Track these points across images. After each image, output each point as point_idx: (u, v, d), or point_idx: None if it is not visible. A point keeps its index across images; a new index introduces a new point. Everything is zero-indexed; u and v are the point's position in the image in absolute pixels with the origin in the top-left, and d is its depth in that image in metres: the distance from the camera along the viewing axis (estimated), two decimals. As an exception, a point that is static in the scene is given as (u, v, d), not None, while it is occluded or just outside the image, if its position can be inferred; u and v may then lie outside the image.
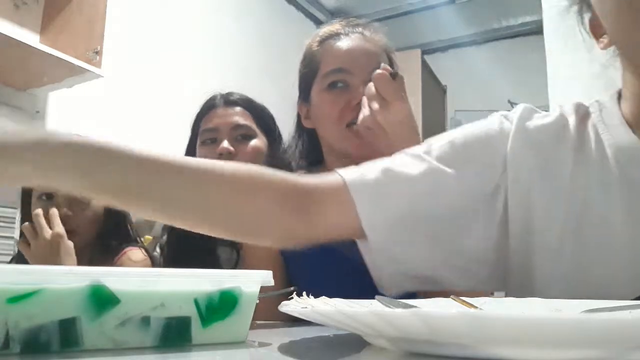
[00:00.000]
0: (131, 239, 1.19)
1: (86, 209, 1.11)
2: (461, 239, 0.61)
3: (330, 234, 0.63)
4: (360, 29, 0.97)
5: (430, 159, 0.62)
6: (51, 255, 0.96)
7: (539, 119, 0.64)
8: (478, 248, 0.61)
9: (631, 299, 0.52)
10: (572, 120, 0.64)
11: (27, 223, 1.01)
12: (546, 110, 0.67)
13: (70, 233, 1.06)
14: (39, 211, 1.00)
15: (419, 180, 0.60)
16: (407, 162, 0.63)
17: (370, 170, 0.62)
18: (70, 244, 1.01)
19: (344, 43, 0.94)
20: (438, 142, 0.64)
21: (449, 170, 0.61)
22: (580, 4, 0.65)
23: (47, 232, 0.99)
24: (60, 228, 1.01)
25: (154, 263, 1.17)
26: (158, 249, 1.20)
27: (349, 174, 0.61)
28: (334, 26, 0.98)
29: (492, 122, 0.65)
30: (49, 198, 1.10)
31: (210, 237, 1.12)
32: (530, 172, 0.60)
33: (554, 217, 0.59)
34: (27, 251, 1.01)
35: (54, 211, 1.03)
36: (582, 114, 0.64)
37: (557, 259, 0.58)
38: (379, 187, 0.60)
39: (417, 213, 0.60)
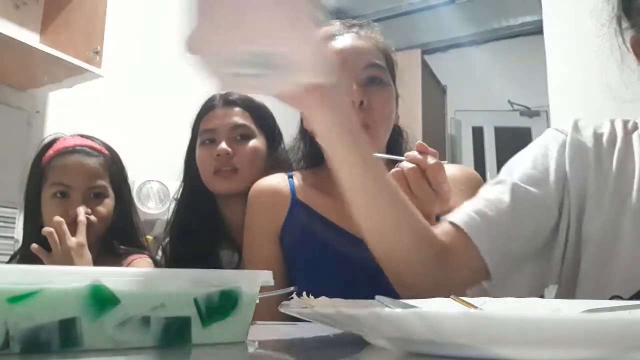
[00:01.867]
0: (138, 243, 1.17)
1: (100, 205, 1.09)
2: (551, 254, 0.67)
3: (462, 280, 0.65)
4: (355, 29, 0.95)
5: (514, 180, 0.68)
6: (70, 263, 0.96)
7: (590, 129, 0.71)
8: (559, 258, 0.67)
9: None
10: (619, 130, 0.71)
11: (47, 228, 0.99)
12: (546, 110, 0.70)
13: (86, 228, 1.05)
14: (60, 219, 0.99)
15: (514, 205, 0.66)
16: (497, 190, 0.68)
17: (473, 207, 0.66)
18: (89, 254, 1.00)
19: (336, 43, 0.92)
20: (514, 165, 0.71)
21: (533, 190, 0.66)
22: (619, 17, 0.69)
23: (71, 241, 0.97)
24: (83, 237, 1.00)
25: (157, 267, 1.16)
26: (160, 252, 1.20)
27: (458, 218, 0.65)
28: (329, 28, 0.97)
29: (549, 138, 0.72)
30: (64, 196, 1.07)
31: (211, 239, 1.13)
32: (585, 176, 0.67)
33: (600, 212, 0.65)
34: (46, 257, 0.99)
35: (82, 220, 1.01)
36: (631, 126, 0.71)
37: (597, 253, 0.65)
38: (489, 224, 0.64)
39: (519, 239, 0.65)
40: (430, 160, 0.70)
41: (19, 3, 1.79)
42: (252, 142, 1.13)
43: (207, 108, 1.16)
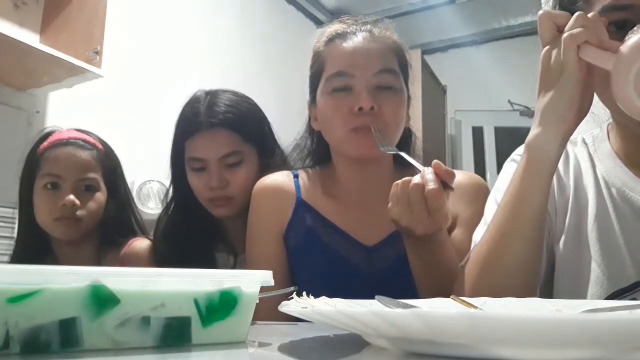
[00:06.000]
0: (135, 234, 1.17)
1: (91, 200, 1.10)
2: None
3: None
4: (369, 27, 0.92)
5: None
6: None
7: None
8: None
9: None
10: (570, 149, 0.76)
11: None
12: None
13: (75, 221, 1.06)
14: None
15: None
16: None
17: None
18: None
19: (348, 44, 0.90)
20: (489, 207, 0.76)
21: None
22: None
23: None
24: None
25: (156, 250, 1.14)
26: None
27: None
28: (341, 25, 0.94)
29: (508, 169, 0.75)
30: (55, 187, 1.08)
31: (207, 242, 1.12)
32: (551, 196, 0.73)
33: (561, 227, 0.72)
34: None
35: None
36: (581, 144, 0.77)
37: (559, 263, 0.71)
38: None
39: None
40: (432, 185, 0.69)
41: (19, 3, 1.79)
42: (244, 167, 1.07)
43: (191, 128, 1.08)
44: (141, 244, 1.13)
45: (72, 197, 1.06)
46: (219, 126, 1.06)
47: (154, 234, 1.16)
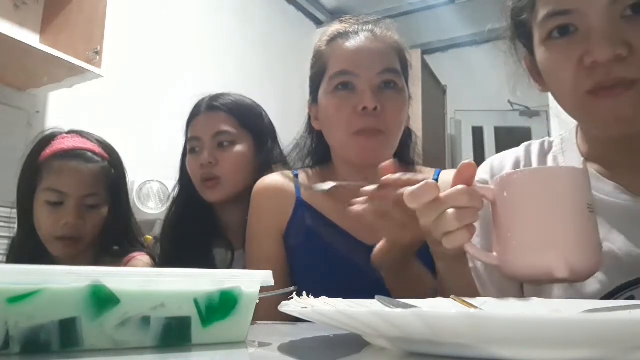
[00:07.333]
0: (135, 243, 1.16)
1: (94, 217, 1.06)
2: None
3: None
4: (370, 27, 0.92)
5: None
6: None
7: (508, 163, 0.78)
8: None
9: None
10: (535, 154, 0.77)
11: None
12: (546, 110, 0.72)
13: (76, 240, 1.04)
14: None
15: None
16: None
17: None
18: None
19: (351, 43, 0.90)
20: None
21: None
22: (514, 35, 0.72)
23: None
24: None
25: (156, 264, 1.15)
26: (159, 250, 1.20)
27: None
28: (343, 24, 0.94)
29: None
30: (57, 204, 1.03)
31: (206, 238, 1.13)
32: None
33: None
34: None
35: None
36: (547, 146, 0.78)
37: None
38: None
39: None
40: (401, 190, 0.63)
41: (19, 3, 1.79)
42: (236, 149, 1.11)
43: (194, 114, 1.16)
44: (138, 263, 1.11)
45: (74, 219, 1.03)
46: (217, 109, 1.15)
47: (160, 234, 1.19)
